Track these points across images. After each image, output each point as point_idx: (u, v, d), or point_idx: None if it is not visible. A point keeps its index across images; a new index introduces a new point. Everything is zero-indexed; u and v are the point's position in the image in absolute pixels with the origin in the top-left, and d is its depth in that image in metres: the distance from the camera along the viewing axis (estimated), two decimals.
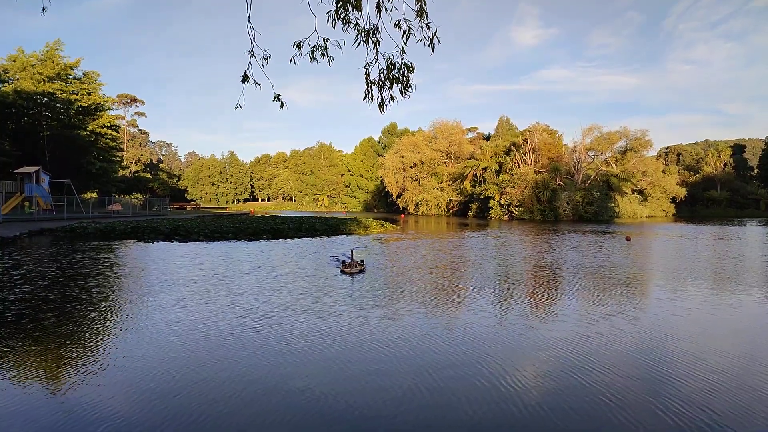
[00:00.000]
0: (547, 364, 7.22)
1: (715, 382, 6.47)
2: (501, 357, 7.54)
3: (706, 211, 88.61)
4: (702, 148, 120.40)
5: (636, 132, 76.32)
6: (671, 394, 6.03)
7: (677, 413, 5.50)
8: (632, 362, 7.29)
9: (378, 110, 5.74)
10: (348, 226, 36.88)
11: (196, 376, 6.57)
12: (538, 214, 65.44)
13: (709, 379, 6.58)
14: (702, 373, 6.80)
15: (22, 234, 26.40)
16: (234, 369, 6.83)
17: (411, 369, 6.96)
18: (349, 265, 15.69)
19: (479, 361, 7.28)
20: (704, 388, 6.25)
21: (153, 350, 7.75)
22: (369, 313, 10.18)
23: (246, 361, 7.18)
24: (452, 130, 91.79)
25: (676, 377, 6.65)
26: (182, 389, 6.12)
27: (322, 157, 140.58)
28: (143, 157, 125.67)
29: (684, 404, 5.74)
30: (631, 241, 29.46)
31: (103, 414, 5.40)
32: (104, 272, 15.38)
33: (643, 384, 6.41)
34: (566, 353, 7.66)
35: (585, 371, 6.84)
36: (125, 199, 65.01)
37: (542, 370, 6.93)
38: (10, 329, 8.91)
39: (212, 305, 10.81)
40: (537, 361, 7.35)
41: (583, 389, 6.19)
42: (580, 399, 5.90)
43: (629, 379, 6.57)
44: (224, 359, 7.26)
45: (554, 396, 6.00)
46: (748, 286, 14.11)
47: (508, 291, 13.46)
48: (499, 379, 6.53)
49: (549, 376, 6.67)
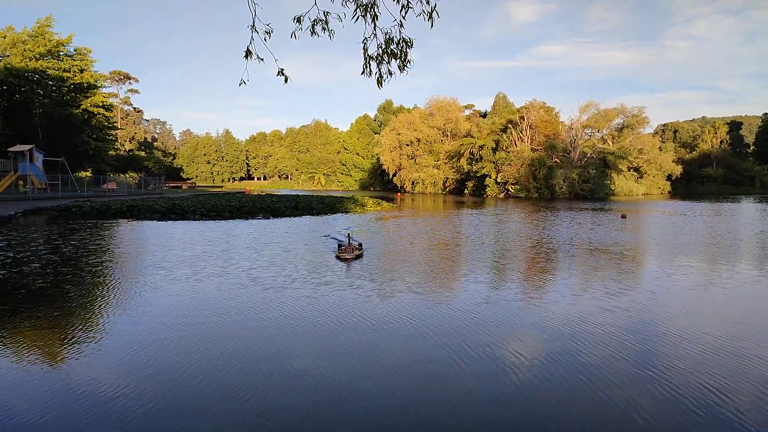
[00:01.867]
0: (541, 338, 7.29)
1: (707, 357, 6.56)
2: (497, 332, 7.61)
3: (702, 188, 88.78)
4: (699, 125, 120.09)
5: (633, 109, 76.00)
6: (665, 369, 6.12)
7: (670, 388, 5.58)
8: (626, 337, 7.37)
9: (376, 85, 5.68)
10: (344, 204, 36.85)
11: (193, 351, 6.62)
12: (534, 192, 65.48)
13: (701, 354, 6.67)
14: (695, 348, 6.89)
15: (17, 213, 26.30)
16: (230, 345, 6.88)
17: (407, 344, 7.02)
18: (345, 250, 14.13)
19: (475, 336, 7.35)
20: (697, 363, 6.34)
21: (151, 327, 7.79)
22: (366, 290, 10.23)
23: (243, 337, 7.22)
24: (449, 107, 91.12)
25: (669, 352, 6.74)
26: (179, 365, 6.16)
27: (318, 135, 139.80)
28: (137, 136, 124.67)
29: (677, 379, 5.83)
30: (626, 219, 29.57)
31: (102, 388, 5.45)
32: (102, 251, 15.37)
33: (636, 359, 6.49)
34: (560, 329, 7.73)
35: (579, 346, 6.91)
36: (120, 178, 64.68)
37: (537, 345, 7.01)
38: (11, 307, 8.93)
39: (209, 283, 10.84)
40: (532, 336, 7.43)
41: (577, 364, 6.27)
42: (573, 373, 5.98)
43: (623, 354, 6.66)
44: (221, 335, 7.31)
45: (548, 370, 6.07)
46: (742, 262, 14.23)
47: (504, 268, 13.53)
48: (494, 354, 6.60)
49: (543, 351, 6.74)
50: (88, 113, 62.52)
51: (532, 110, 73.39)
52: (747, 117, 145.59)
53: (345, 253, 13.82)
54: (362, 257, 14.09)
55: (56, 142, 56.76)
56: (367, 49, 5.74)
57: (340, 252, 14.08)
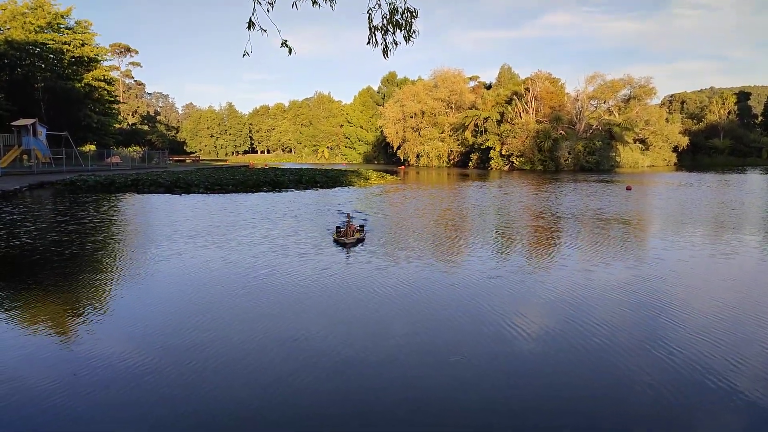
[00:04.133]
0: (544, 310, 7.37)
1: (709, 327, 6.62)
2: (501, 303, 7.69)
3: (708, 159, 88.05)
4: (707, 96, 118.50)
5: (640, 80, 74.98)
6: (669, 338, 6.19)
7: (675, 357, 5.66)
8: (631, 307, 7.44)
9: (382, 56, 5.64)
10: (348, 177, 36.80)
11: (202, 324, 6.73)
12: (539, 165, 65.14)
13: (703, 324, 6.73)
14: (697, 318, 6.96)
15: (23, 187, 26.39)
16: (239, 318, 6.98)
17: (412, 315, 7.12)
18: (344, 233, 12.55)
19: (478, 307, 7.43)
20: (698, 333, 6.40)
21: (160, 299, 7.91)
22: (372, 264, 10.31)
23: (251, 311, 7.33)
24: (454, 78, 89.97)
25: (673, 322, 6.80)
26: (188, 337, 6.27)
27: (321, 108, 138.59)
28: (140, 109, 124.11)
29: (682, 347, 5.90)
30: (631, 190, 29.48)
31: (112, 359, 5.56)
32: (109, 224, 15.48)
33: (641, 328, 6.57)
34: (564, 300, 7.80)
35: (584, 316, 6.98)
36: (124, 152, 64.54)
37: (540, 317, 7.08)
38: (21, 280, 9.06)
39: (217, 256, 10.94)
40: (535, 308, 7.51)
41: (582, 334, 6.34)
42: (578, 343, 6.06)
43: (627, 323, 6.73)
44: (230, 308, 7.41)
45: (552, 340, 6.15)
46: (746, 233, 14.22)
47: (510, 241, 13.58)
48: (497, 324, 6.69)
49: (548, 321, 6.82)
50: (90, 87, 62.17)
51: (537, 81, 72.46)
52: (756, 87, 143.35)
53: (344, 237, 12.24)
54: (364, 240, 12.55)
55: (59, 116, 56.56)
56: (371, 19, 5.68)
57: (339, 235, 12.49)
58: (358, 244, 12.07)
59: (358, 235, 12.43)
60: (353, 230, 12.64)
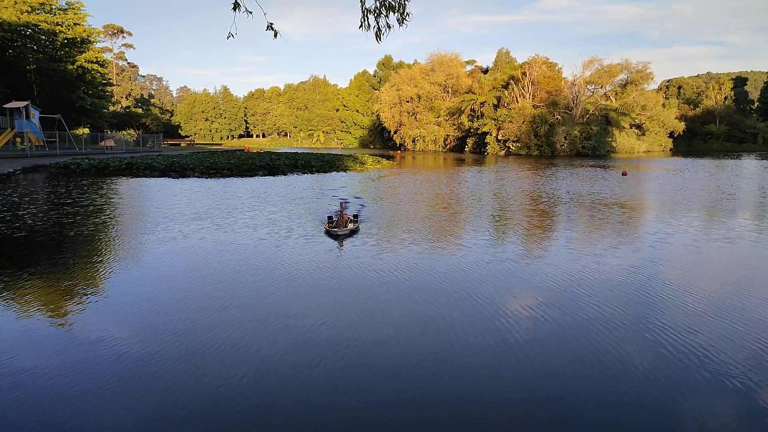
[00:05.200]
0: (540, 293, 7.41)
1: (702, 310, 6.68)
2: (496, 287, 7.74)
3: (704, 145, 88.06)
4: (704, 81, 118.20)
5: (637, 64, 74.54)
6: (661, 324, 6.25)
7: (666, 341, 5.71)
8: (625, 292, 7.50)
9: (375, 39, 5.57)
10: (344, 162, 36.67)
11: (199, 306, 6.75)
12: (535, 150, 65.02)
13: (697, 308, 6.79)
14: (691, 301, 7.02)
15: (16, 171, 26.23)
16: (235, 300, 7.00)
17: (407, 300, 7.15)
18: (336, 223, 11.82)
19: (475, 290, 7.47)
20: (693, 316, 6.47)
21: (156, 282, 7.92)
22: (366, 248, 10.33)
23: (248, 294, 7.35)
24: (450, 62, 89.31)
25: (666, 307, 6.86)
26: (184, 318, 6.29)
27: (317, 92, 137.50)
28: (134, 92, 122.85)
29: (673, 332, 5.96)
30: (627, 176, 29.51)
31: (110, 340, 5.58)
32: (104, 208, 15.42)
33: (634, 313, 6.62)
34: (559, 283, 7.85)
35: (576, 300, 7.03)
36: (118, 135, 64.03)
37: (536, 300, 7.13)
38: (18, 262, 9.04)
39: (213, 240, 10.93)
40: (531, 293, 7.55)
41: (576, 318, 6.40)
42: (572, 327, 6.11)
43: (619, 307, 6.78)
44: (226, 290, 7.43)
45: (547, 324, 6.20)
46: (740, 218, 14.28)
47: (505, 225, 13.61)
48: (493, 307, 6.73)
49: (542, 305, 6.87)
50: (82, 69, 61.39)
51: (534, 66, 72.05)
52: (753, 72, 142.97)
53: (337, 228, 11.57)
54: (358, 231, 11.97)
55: (52, 98, 55.96)
56: (364, 1, 5.61)
57: (331, 225, 11.82)
58: (351, 235, 11.43)
59: (351, 226, 11.82)
60: (346, 220, 11.92)
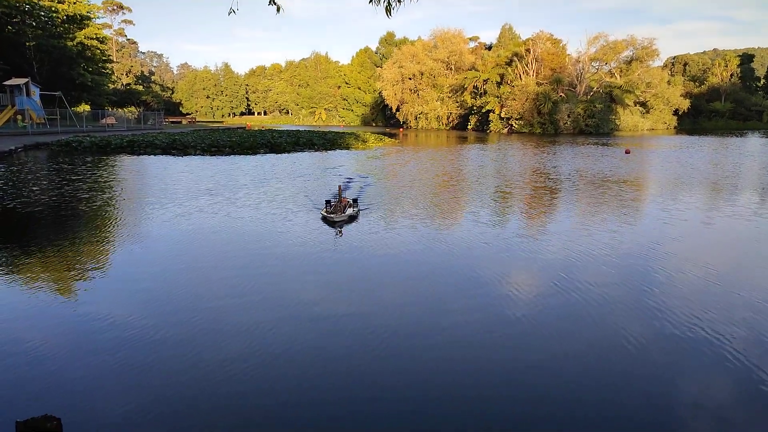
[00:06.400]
0: (538, 270, 7.46)
1: (700, 287, 6.72)
2: (495, 265, 7.78)
3: (708, 123, 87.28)
4: (710, 58, 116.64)
5: (643, 41, 73.63)
6: (659, 301, 6.30)
7: (663, 318, 5.77)
8: (624, 270, 7.54)
9: (385, 14, 5.50)
10: (346, 140, 36.49)
11: (200, 285, 6.80)
12: (538, 127, 64.59)
13: (696, 285, 6.84)
14: (690, 280, 7.06)
15: (18, 148, 26.17)
16: (235, 279, 7.05)
17: (407, 279, 7.20)
18: (334, 209, 10.75)
19: (473, 269, 7.52)
20: (690, 294, 6.52)
21: (159, 260, 7.97)
22: (366, 226, 10.35)
23: (248, 273, 7.40)
24: (453, 39, 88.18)
25: (665, 285, 6.90)
26: (185, 297, 6.35)
27: (318, 69, 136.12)
28: (134, 69, 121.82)
29: (671, 309, 6.02)
30: (630, 154, 29.37)
31: (112, 318, 5.65)
32: (107, 186, 15.43)
33: (630, 289, 6.67)
34: (558, 261, 7.89)
35: (574, 277, 7.07)
36: (119, 113, 63.65)
37: (534, 276, 7.17)
38: (22, 240, 9.08)
39: (216, 218, 10.96)
40: (529, 269, 7.59)
41: (575, 295, 6.44)
42: (571, 304, 6.15)
43: (617, 285, 6.83)
44: (226, 269, 7.48)
45: (547, 302, 6.26)
46: (742, 197, 14.25)
47: (507, 203, 13.63)
48: (492, 286, 6.78)
49: (539, 282, 6.91)
50: (82, 45, 60.76)
51: (538, 42, 71.15)
52: (760, 49, 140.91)
53: (333, 214, 10.56)
54: (357, 218, 11.02)
55: (52, 75, 55.53)
56: None
57: (328, 211, 10.78)
58: (350, 222, 10.60)
59: (350, 211, 10.89)
60: (345, 205, 10.99)
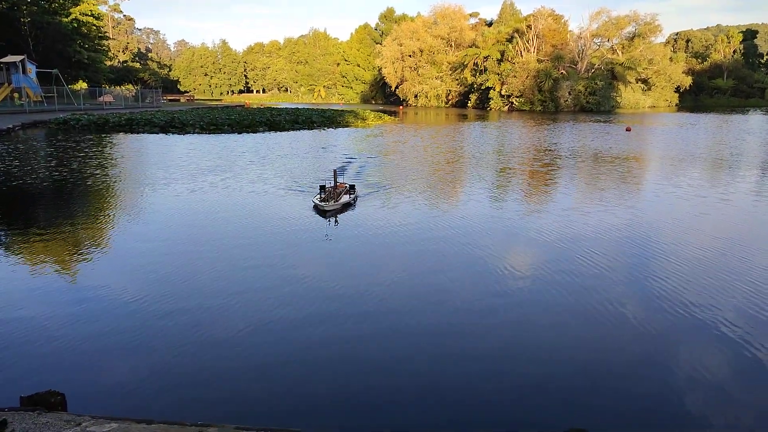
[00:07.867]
0: (538, 248, 7.50)
1: (699, 267, 6.78)
2: (495, 242, 7.82)
3: (710, 100, 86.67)
4: (713, 34, 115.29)
5: (646, 16, 72.74)
6: (656, 280, 6.35)
7: (659, 296, 5.83)
8: (620, 244, 7.59)
9: None
10: (345, 118, 36.28)
11: (200, 261, 6.85)
12: (539, 105, 64.18)
13: (694, 264, 6.89)
14: (688, 259, 7.10)
15: (16, 126, 26.04)
16: (236, 257, 7.10)
17: (405, 257, 7.24)
18: (328, 196, 9.76)
19: (473, 246, 7.56)
20: (688, 273, 6.57)
21: (160, 237, 8.01)
22: (365, 204, 10.38)
23: (249, 250, 7.45)
24: (454, 15, 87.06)
25: (662, 264, 6.95)
26: (186, 274, 6.40)
27: (317, 46, 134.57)
28: (130, 46, 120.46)
29: (666, 288, 6.08)
30: (631, 131, 29.24)
31: (115, 293, 5.71)
32: (106, 164, 15.40)
33: (628, 265, 6.72)
34: (557, 238, 7.94)
35: (576, 257, 7.12)
36: (116, 91, 63.13)
37: (533, 254, 7.22)
38: (23, 218, 9.11)
39: (216, 196, 10.98)
40: (529, 246, 7.64)
41: (572, 275, 6.49)
42: (568, 283, 6.21)
43: (615, 260, 6.88)
44: (226, 246, 7.52)
45: (544, 280, 6.31)
46: (741, 176, 14.26)
47: (510, 183, 13.64)
48: (490, 263, 6.82)
49: (539, 260, 6.96)
50: (77, 22, 59.95)
51: (539, 18, 70.25)
52: (763, 25, 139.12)
53: (326, 203, 9.53)
54: (353, 205, 10.21)
55: (48, 52, 54.90)
56: None
57: (321, 198, 9.77)
58: (344, 210, 9.75)
59: (346, 198, 10.09)
60: (341, 191, 10.18)
